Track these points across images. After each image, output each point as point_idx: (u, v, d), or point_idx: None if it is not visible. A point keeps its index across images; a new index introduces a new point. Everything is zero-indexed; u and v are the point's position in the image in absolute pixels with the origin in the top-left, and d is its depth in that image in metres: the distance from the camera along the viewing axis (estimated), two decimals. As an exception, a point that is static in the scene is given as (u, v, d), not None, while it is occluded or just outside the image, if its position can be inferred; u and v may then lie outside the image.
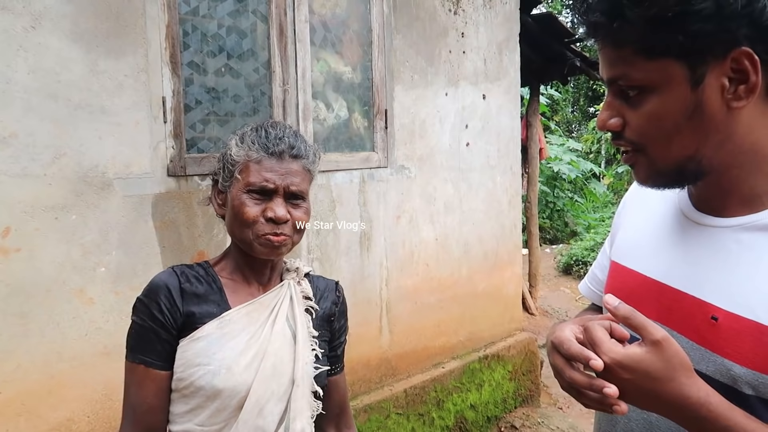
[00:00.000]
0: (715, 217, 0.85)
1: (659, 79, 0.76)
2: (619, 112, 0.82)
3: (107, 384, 2.14)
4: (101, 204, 2.12)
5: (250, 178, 1.13)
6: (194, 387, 1.10)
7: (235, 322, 1.14)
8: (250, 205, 1.13)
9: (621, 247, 1.03)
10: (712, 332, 0.80)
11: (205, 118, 2.43)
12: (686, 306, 0.85)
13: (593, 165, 12.52)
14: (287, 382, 1.16)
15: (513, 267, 4.00)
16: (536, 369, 4.08)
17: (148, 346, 1.11)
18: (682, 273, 0.87)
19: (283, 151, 1.15)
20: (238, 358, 1.11)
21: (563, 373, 0.77)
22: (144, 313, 1.12)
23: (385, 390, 3.12)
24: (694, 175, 0.82)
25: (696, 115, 0.77)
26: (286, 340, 1.18)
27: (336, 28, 2.85)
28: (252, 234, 1.13)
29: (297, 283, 1.26)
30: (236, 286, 1.20)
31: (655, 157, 0.82)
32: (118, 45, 2.12)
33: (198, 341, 1.11)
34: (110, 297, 2.15)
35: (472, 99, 3.56)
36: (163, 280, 1.13)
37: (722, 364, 0.78)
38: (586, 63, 5.95)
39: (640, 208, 1.03)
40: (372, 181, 3.03)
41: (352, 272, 2.96)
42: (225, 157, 1.19)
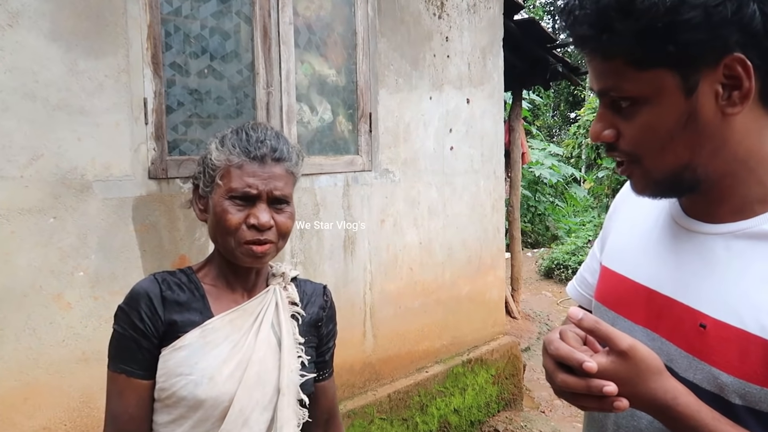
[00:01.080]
0: (705, 223, 0.85)
1: (651, 89, 0.75)
2: (612, 123, 0.81)
3: (85, 391, 2.09)
4: (80, 207, 2.07)
5: (231, 184, 1.09)
6: (176, 397, 1.07)
7: (218, 330, 1.11)
8: (232, 212, 1.09)
9: (611, 252, 1.02)
10: (700, 340, 0.79)
11: (188, 120, 2.39)
12: (675, 313, 0.84)
13: (574, 170, 12.65)
14: (272, 390, 1.13)
15: (496, 271, 4.01)
16: (519, 373, 4.09)
17: (129, 355, 1.09)
18: (671, 279, 0.86)
19: (265, 154, 1.11)
20: (220, 368, 1.08)
21: (555, 377, 0.76)
22: (124, 322, 1.09)
23: (369, 395, 3.10)
24: (690, 185, 0.82)
25: (690, 123, 0.76)
26: (270, 348, 1.15)
27: (320, 31, 2.84)
28: (234, 241, 1.10)
29: (283, 288, 1.23)
30: (219, 293, 1.17)
31: (651, 167, 0.81)
32: (99, 45, 2.08)
33: (180, 350, 1.08)
34: (89, 302, 2.10)
35: (456, 103, 3.56)
36: (143, 288, 1.10)
37: (710, 372, 0.78)
38: (568, 68, 6.01)
39: (630, 213, 1.03)
40: (356, 184, 3.01)
41: (335, 276, 2.94)
42: (205, 161, 1.15)
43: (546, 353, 0.79)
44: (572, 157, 13.84)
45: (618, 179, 11.13)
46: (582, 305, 1.22)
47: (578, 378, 0.74)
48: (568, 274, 8.45)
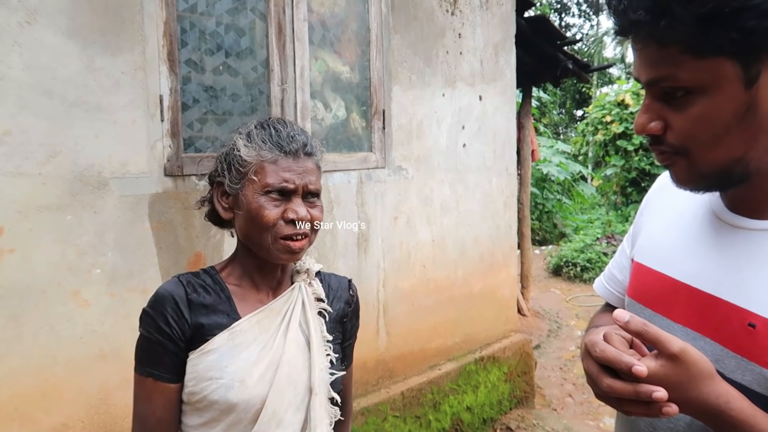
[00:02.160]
0: (751, 219, 0.82)
1: (709, 79, 0.72)
2: (660, 115, 0.78)
3: (103, 387, 2.10)
4: (97, 204, 2.07)
5: (267, 179, 1.08)
6: (207, 401, 1.06)
7: (246, 332, 1.10)
8: (269, 208, 1.08)
9: (645, 248, 1.00)
10: (750, 340, 0.76)
11: (203, 117, 2.39)
12: (720, 312, 0.81)
13: (582, 167, 12.61)
14: (304, 390, 1.12)
15: (508, 268, 3.99)
16: (531, 370, 4.07)
17: (156, 359, 1.08)
18: (715, 277, 0.83)
19: (298, 149, 1.11)
20: (251, 370, 1.07)
21: (600, 382, 0.74)
22: (150, 326, 1.08)
23: (382, 392, 3.09)
24: (738, 179, 0.79)
25: (748, 116, 0.73)
26: (299, 347, 1.14)
27: (334, 28, 2.83)
28: (271, 237, 1.08)
29: (308, 285, 1.22)
30: (245, 293, 1.16)
31: (700, 160, 0.78)
32: (115, 42, 2.08)
33: (209, 354, 1.07)
34: (106, 299, 2.10)
35: (468, 100, 3.54)
36: (168, 291, 1.09)
37: (761, 373, 0.75)
38: (578, 65, 5.98)
39: (665, 208, 1.00)
40: (370, 181, 3.00)
41: (349, 273, 2.93)
42: (232, 157, 1.13)
43: (589, 356, 0.76)
44: (580, 154, 13.80)
45: (626, 177, 11.09)
46: (610, 302, 1.19)
47: (625, 383, 0.71)
48: (576, 272, 8.42)
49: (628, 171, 10.99)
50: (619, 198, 11.77)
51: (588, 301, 7.30)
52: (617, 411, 1.03)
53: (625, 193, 11.43)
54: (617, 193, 11.78)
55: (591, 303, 7.19)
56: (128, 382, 2.18)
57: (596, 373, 0.75)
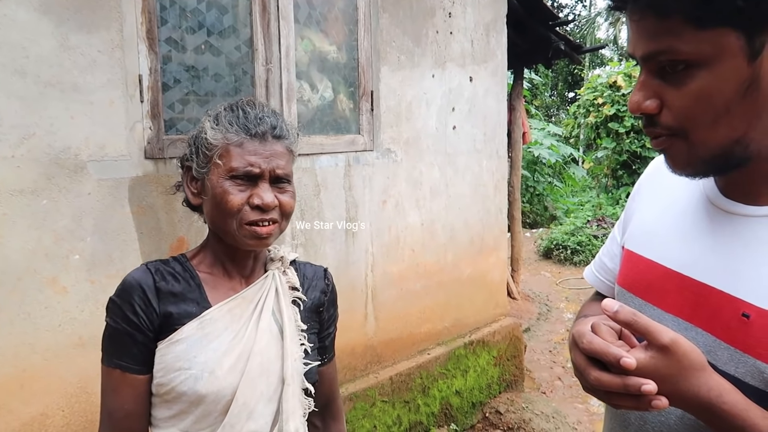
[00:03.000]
0: (747, 205, 0.78)
1: (711, 51, 0.67)
2: (656, 92, 0.73)
3: (83, 376, 2.05)
4: (74, 188, 2.00)
5: (232, 163, 1.03)
6: (176, 392, 1.02)
7: (217, 320, 1.06)
8: (233, 192, 1.03)
9: (636, 235, 0.96)
10: (743, 331, 0.73)
11: (185, 98, 2.31)
12: (713, 301, 0.78)
13: (573, 149, 12.59)
14: (276, 381, 1.08)
15: (498, 252, 3.96)
16: (520, 354, 4.07)
17: (124, 350, 1.03)
18: (708, 265, 0.79)
19: (266, 132, 1.06)
20: (221, 360, 1.03)
21: (587, 375, 0.70)
22: (117, 315, 1.04)
23: (371, 378, 3.07)
24: (738, 162, 0.74)
25: (751, 92, 0.68)
26: (272, 337, 1.10)
27: (321, 6, 2.74)
28: (237, 223, 1.04)
29: (282, 273, 1.18)
30: (216, 281, 1.11)
31: (698, 141, 0.73)
32: (91, 19, 2.00)
33: (177, 344, 1.03)
34: (85, 286, 2.04)
35: (459, 81, 3.48)
36: (136, 279, 1.05)
37: (754, 365, 0.72)
38: (570, 46, 5.91)
39: (657, 194, 0.96)
40: (357, 164, 2.94)
41: (337, 258, 2.89)
42: (198, 141, 1.09)
43: (576, 347, 0.73)
44: (571, 137, 13.77)
45: (617, 159, 11.09)
46: (600, 291, 1.16)
47: (614, 375, 0.68)
48: (567, 254, 8.43)
49: (620, 154, 10.98)
50: (610, 181, 11.77)
51: (578, 284, 7.31)
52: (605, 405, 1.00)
53: (616, 175, 11.44)
54: (608, 176, 11.79)
55: (581, 286, 7.20)
56: (108, 371, 2.13)
57: (584, 365, 0.71)
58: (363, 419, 2.97)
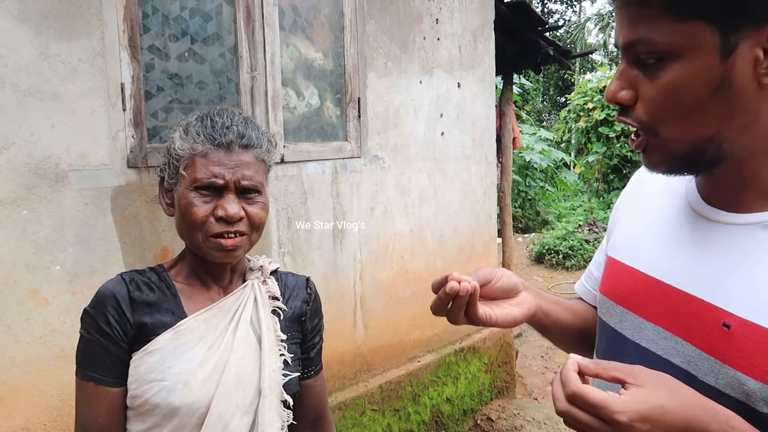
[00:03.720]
0: (729, 212, 0.77)
1: (685, 44, 0.67)
2: (632, 83, 0.73)
3: (64, 389, 2.01)
4: (55, 198, 1.98)
5: (196, 174, 1.02)
6: (149, 405, 1.00)
7: (192, 331, 1.04)
8: (198, 204, 1.01)
9: (619, 242, 0.95)
10: (724, 341, 0.71)
11: (168, 106, 2.29)
12: (694, 310, 0.76)
13: (564, 154, 12.64)
14: (253, 392, 1.06)
15: (488, 258, 3.95)
16: (511, 360, 4.06)
17: (97, 362, 1.02)
18: (689, 274, 0.78)
19: (232, 141, 1.03)
20: (195, 371, 1.01)
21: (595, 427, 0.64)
22: (91, 326, 1.02)
23: (360, 386, 3.05)
24: (711, 161, 0.73)
25: (722, 90, 0.67)
26: (250, 347, 1.08)
27: (306, 13, 2.73)
28: (202, 236, 1.02)
29: (262, 282, 1.16)
30: (193, 292, 1.10)
31: (669, 137, 0.72)
32: (72, 27, 1.98)
33: (151, 355, 1.01)
34: (66, 297, 2.01)
35: (446, 87, 3.48)
36: (109, 290, 1.03)
37: (734, 377, 0.70)
38: (559, 52, 5.93)
39: (641, 201, 0.95)
40: (345, 171, 2.93)
41: (325, 266, 2.87)
42: (169, 151, 1.07)
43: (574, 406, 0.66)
44: (562, 141, 13.83)
45: (608, 163, 11.14)
46: (586, 300, 1.14)
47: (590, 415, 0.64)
48: (558, 259, 8.44)
49: (610, 158, 11.03)
50: (601, 185, 11.82)
51: (570, 289, 7.30)
52: None
53: (607, 179, 11.49)
54: (599, 180, 11.84)
55: (573, 291, 7.17)
56: (90, 383, 2.09)
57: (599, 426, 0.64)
58: (353, 428, 2.94)
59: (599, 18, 25.79)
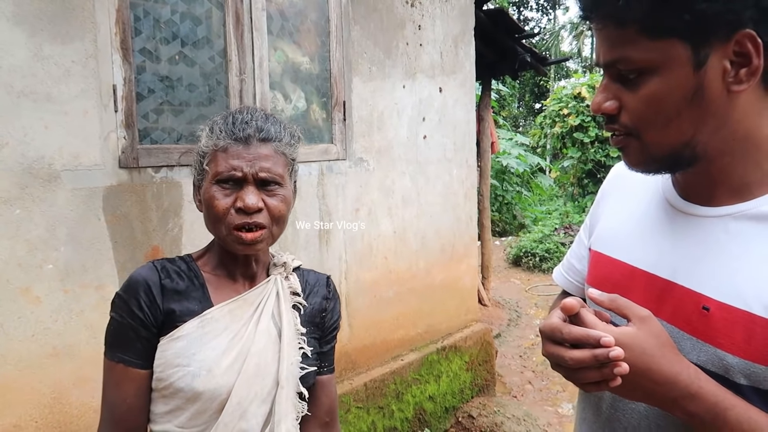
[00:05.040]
0: (702, 206, 0.85)
1: (661, 60, 0.74)
2: (615, 95, 0.80)
3: (56, 387, 2.03)
4: (48, 197, 2.00)
5: (217, 168, 1.06)
6: (173, 388, 1.05)
7: (217, 320, 1.09)
8: (219, 197, 1.06)
9: (603, 236, 1.02)
10: (704, 322, 0.80)
11: (159, 108, 2.33)
12: (676, 296, 0.84)
13: (540, 159, 12.85)
14: (271, 383, 1.11)
15: (469, 259, 4.04)
16: (492, 359, 4.15)
17: (128, 344, 1.06)
18: (670, 263, 0.86)
19: (250, 135, 1.07)
20: (219, 359, 1.05)
21: (564, 356, 0.74)
22: (123, 310, 1.06)
23: (345, 384, 3.10)
24: (687, 162, 0.81)
25: (696, 98, 0.75)
26: (270, 339, 1.12)
27: (293, 18, 2.79)
28: (225, 228, 1.07)
29: (285, 278, 1.20)
30: (220, 282, 1.14)
31: (650, 141, 0.80)
32: (65, 29, 2.01)
33: (178, 341, 1.06)
34: (59, 295, 2.04)
35: (429, 92, 3.56)
36: (142, 276, 1.08)
37: (715, 353, 0.78)
38: (536, 58, 6.08)
39: (621, 197, 1.03)
40: (330, 173, 2.99)
41: (311, 266, 2.85)
42: (197, 150, 1.13)
43: (548, 341, 0.77)
44: (538, 146, 14.05)
45: (583, 168, 11.35)
46: (569, 291, 1.21)
47: (585, 350, 0.72)
48: (535, 262, 8.59)
49: (585, 163, 11.26)
50: (576, 189, 12.04)
51: (547, 291, 7.46)
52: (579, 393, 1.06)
53: (582, 184, 11.71)
54: (574, 185, 12.06)
55: (549, 292, 7.35)
56: (84, 380, 2.13)
57: (560, 351, 0.75)
58: (338, 426, 2.99)
59: (573, 26, 26.26)
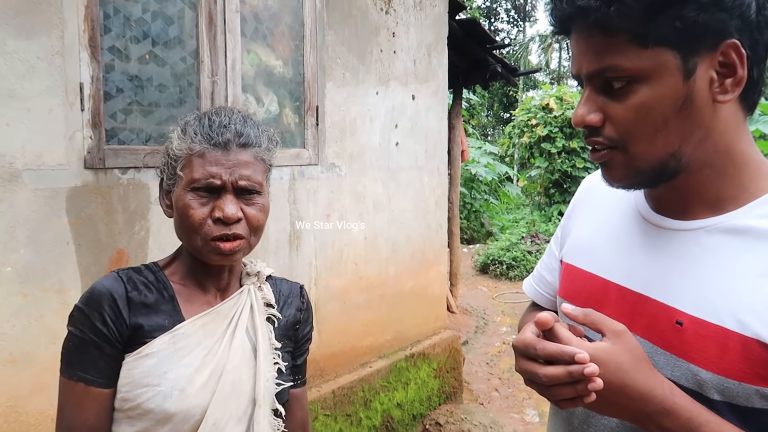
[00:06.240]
0: (675, 220, 0.84)
1: (652, 68, 0.73)
2: (599, 107, 0.78)
3: (13, 394, 1.95)
4: (8, 198, 1.93)
5: (193, 174, 0.99)
6: (142, 409, 0.97)
7: (189, 335, 1.02)
8: (195, 207, 0.99)
9: (575, 249, 1.01)
10: (677, 337, 0.78)
11: (127, 108, 2.27)
12: (650, 310, 0.83)
13: (508, 168, 13.02)
14: (247, 401, 1.05)
15: (438, 266, 4.06)
16: (459, 366, 4.16)
17: (89, 362, 0.98)
18: (644, 277, 0.85)
19: (229, 140, 1.00)
20: (192, 378, 0.99)
21: (538, 372, 0.73)
22: (84, 325, 0.98)
23: (313, 391, 3.06)
24: (671, 174, 0.80)
25: (685, 108, 0.75)
26: (245, 355, 1.07)
27: (267, 21, 2.77)
28: (201, 239, 1.00)
29: (258, 288, 1.14)
30: (190, 294, 1.07)
31: (637, 153, 0.78)
32: (30, 24, 1.94)
33: (147, 358, 0.98)
34: (17, 299, 1.96)
35: (401, 99, 3.57)
36: (106, 288, 0.99)
37: (688, 369, 0.77)
38: (507, 69, 6.17)
39: (593, 210, 1.02)
40: (302, 178, 2.96)
41: (280, 272, 2.86)
42: (168, 152, 1.05)
43: (522, 357, 0.76)
44: (506, 155, 14.24)
45: (550, 178, 11.54)
46: (539, 303, 1.20)
47: (559, 366, 0.71)
48: (502, 269, 8.68)
49: (552, 173, 11.45)
50: (542, 198, 12.24)
51: (513, 298, 7.54)
52: (550, 409, 1.05)
53: (549, 194, 11.91)
54: (541, 194, 12.25)
55: (516, 300, 7.43)
56: (42, 388, 2.05)
57: (533, 367, 0.74)
58: (305, 434, 2.95)
59: (542, 39, 26.77)
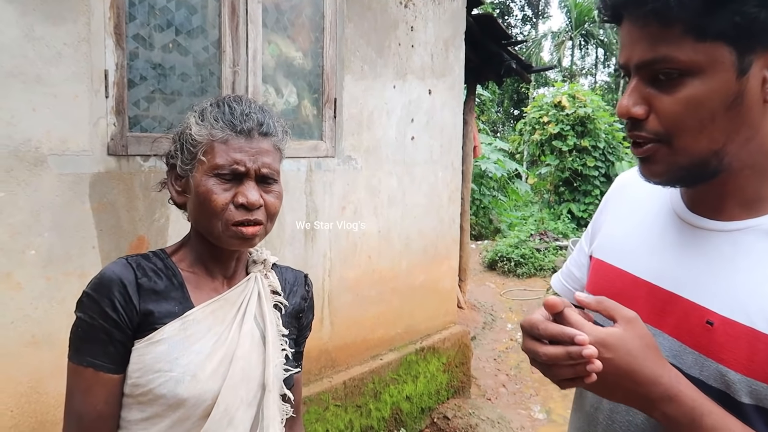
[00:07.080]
0: (711, 219, 0.84)
1: (706, 62, 0.72)
2: (645, 99, 0.77)
3: (34, 376, 1.99)
4: (33, 181, 1.95)
5: (216, 160, 1.00)
6: (153, 395, 0.98)
7: (200, 322, 1.03)
8: (218, 192, 1.00)
9: (606, 245, 1.01)
10: (707, 337, 0.78)
11: (150, 96, 2.29)
12: (680, 309, 0.83)
13: (518, 165, 12.99)
14: (256, 387, 1.07)
15: (450, 261, 4.07)
16: (468, 361, 4.18)
17: (98, 348, 0.98)
18: (675, 275, 0.85)
19: (252, 128, 1.02)
20: (203, 364, 1.00)
21: (539, 351, 0.73)
22: (93, 311, 0.98)
23: (325, 382, 3.09)
24: (711, 173, 0.79)
25: (735, 106, 0.74)
26: (254, 342, 1.08)
27: (288, 12, 2.78)
28: (222, 224, 1.01)
29: (264, 276, 1.15)
30: (199, 281, 1.08)
31: (681, 148, 0.77)
32: (58, 10, 1.96)
33: (158, 344, 0.99)
34: (40, 282, 1.99)
35: (418, 93, 3.57)
36: (116, 274, 0.99)
37: (717, 369, 0.77)
38: (521, 65, 6.15)
39: (626, 206, 1.02)
40: (319, 170, 2.98)
41: (295, 263, 2.90)
42: (183, 137, 1.05)
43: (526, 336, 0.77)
44: (516, 152, 14.20)
45: (560, 176, 11.50)
46: (562, 296, 1.22)
47: (559, 347, 0.72)
48: (510, 266, 8.68)
49: (562, 171, 11.41)
50: (552, 196, 12.20)
51: (521, 295, 7.54)
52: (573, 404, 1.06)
53: (558, 191, 11.87)
54: (551, 192, 12.21)
55: (524, 297, 7.44)
56: (62, 370, 2.07)
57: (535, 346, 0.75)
58: (316, 423, 2.98)
59: (554, 36, 26.62)
